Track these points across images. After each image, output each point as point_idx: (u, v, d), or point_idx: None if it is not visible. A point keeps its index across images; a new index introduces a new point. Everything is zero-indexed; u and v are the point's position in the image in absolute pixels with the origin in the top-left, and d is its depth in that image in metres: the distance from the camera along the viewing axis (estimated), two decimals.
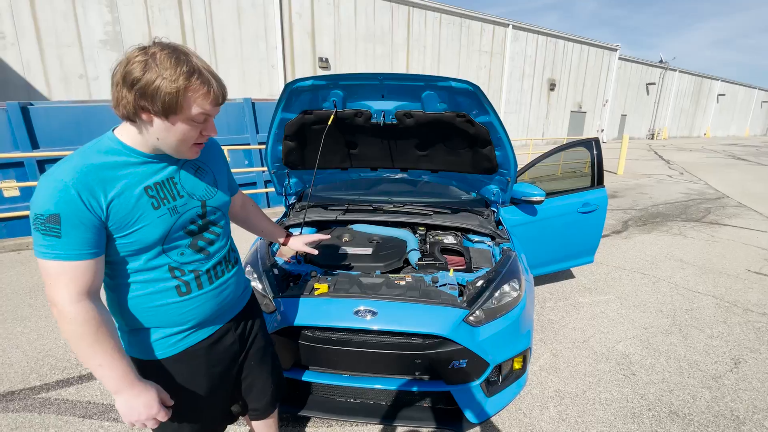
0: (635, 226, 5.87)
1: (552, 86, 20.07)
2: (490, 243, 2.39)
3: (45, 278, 0.86)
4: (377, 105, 2.05)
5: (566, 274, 3.96)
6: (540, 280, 3.77)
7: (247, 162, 6.67)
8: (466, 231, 2.48)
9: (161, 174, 1.02)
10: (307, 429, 1.99)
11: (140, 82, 0.87)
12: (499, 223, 2.59)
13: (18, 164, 5.38)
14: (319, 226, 2.57)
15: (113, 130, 1.01)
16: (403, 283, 1.91)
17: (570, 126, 21.90)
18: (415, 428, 2.01)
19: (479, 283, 1.93)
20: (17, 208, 5.33)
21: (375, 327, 1.68)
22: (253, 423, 1.55)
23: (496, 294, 1.89)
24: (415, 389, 1.76)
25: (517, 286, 1.96)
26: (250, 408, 1.46)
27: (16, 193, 5.44)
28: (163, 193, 1.00)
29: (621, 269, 4.15)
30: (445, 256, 2.23)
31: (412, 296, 1.80)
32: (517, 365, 1.99)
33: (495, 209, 2.66)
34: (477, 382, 1.77)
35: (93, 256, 0.89)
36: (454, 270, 2.09)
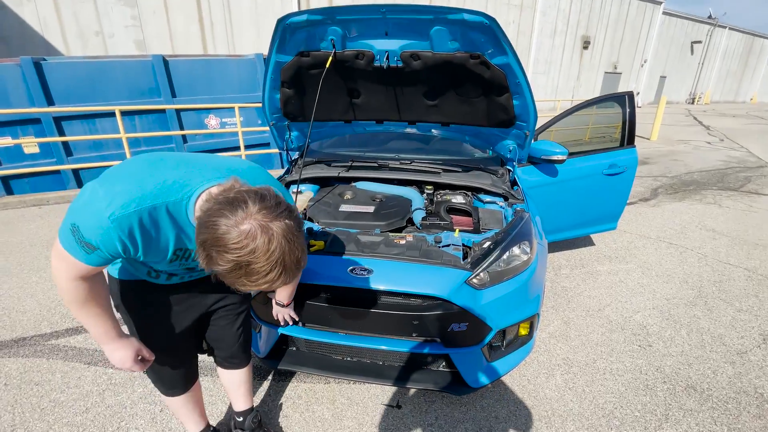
0: (665, 194, 5.50)
1: (586, 44, 18.63)
2: (503, 204, 2.22)
3: (54, 251, 0.92)
4: (380, 44, 1.84)
5: (585, 241, 3.76)
6: (556, 246, 3.58)
7: (260, 122, 6.52)
8: (476, 190, 2.31)
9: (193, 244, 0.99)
10: (302, 385, 1.97)
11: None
12: (514, 183, 2.39)
13: (35, 121, 5.42)
14: (321, 182, 2.44)
15: (197, 195, 0.93)
16: (402, 242, 1.79)
17: (603, 88, 20.52)
18: (413, 389, 1.96)
19: (486, 244, 1.79)
20: (38, 164, 5.43)
21: (370, 286, 1.58)
22: (223, 374, 1.54)
23: (504, 256, 1.74)
24: (412, 351, 1.68)
25: (528, 249, 1.81)
26: (216, 354, 1.49)
27: (36, 149, 5.52)
28: (187, 254, 1.05)
29: (646, 238, 3.91)
30: (451, 216, 2.08)
31: (411, 256, 1.68)
32: (523, 331, 1.88)
33: (511, 168, 2.46)
34: (478, 347, 1.67)
35: (104, 265, 0.95)
36: (461, 231, 1.95)
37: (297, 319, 1.65)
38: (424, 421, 1.77)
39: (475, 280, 1.65)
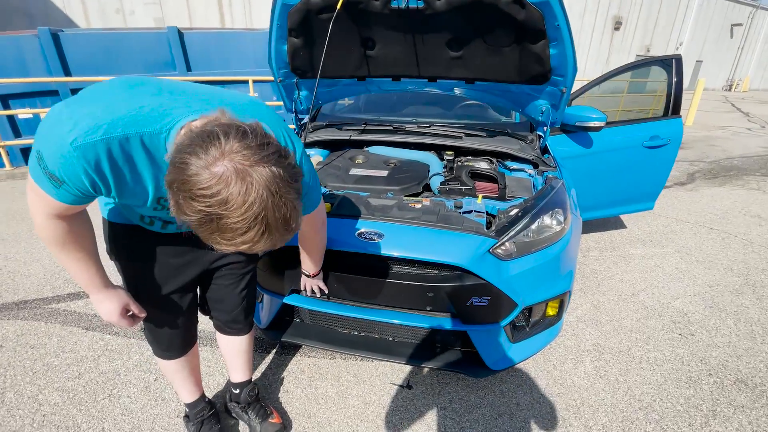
0: (703, 179, 5.10)
1: (617, 25, 17.65)
2: (532, 172, 1.98)
3: (29, 189, 0.81)
4: None
5: (616, 223, 3.48)
6: (585, 226, 3.32)
7: (275, 97, 6.35)
8: (502, 157, 2.08)
9: None
10: (306, 359, 1.83)
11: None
12: (545, 150, 2.15)
13: (53, 92, 5.41)
14: (331, 147, 2.26)
15: (179, 128, 0.76)
16: (418, 206, 1.60)
17: (634, 72, 19.46)
18: (425, 368, 1.79)
19: (513, 212, 1.58)
20: None
21: (380, 252, 1.40)
22: (221, 340, 1.41)
23: (534, 226, 1.53)
24: (426, 326, 1.51)
25: (562, 219, 1.59)
26: (213, 316, 1.36)
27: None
28: None
29: (683, 222, 3.59)
30: (474, 182, 1.87)
31: (427, 221, 1.48)
32: (551, 311, 1.68)
33: (541, 134, 2.21)
34: (500, 325, 1.48)
35: (79, 203, 0.82)
36: (484, 197, 1.74)
37: (326, 292, 1.49)
38: (436, 404, 1.61)
39: (500, 250, 1.45)
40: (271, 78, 2.14)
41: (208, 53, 5.96)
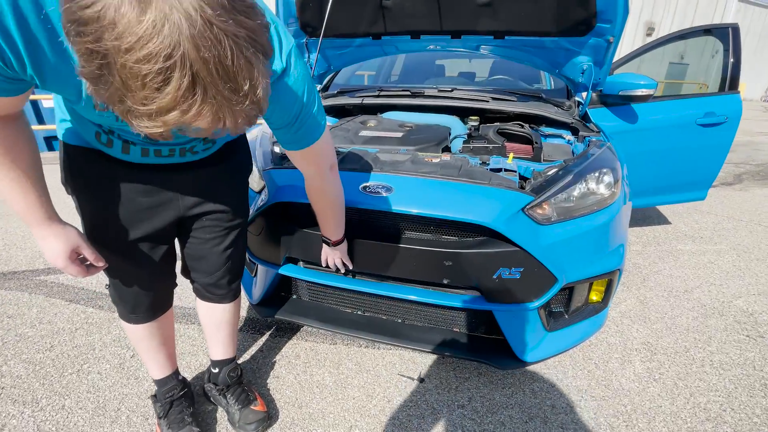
0: (752, 180, 4.64)
1: (649, 31, 17.06)
2: (571, 138, 1.71)
3: None
4: None
5: (657, 218, 3.12)
6: None
7: None
8: (536, 121, 1.81)
9: None
10: (303, 343, 1.60)
11: None
12: (586, 118, 1.88)
13: None
14: (341, 113, 2.05)
15: None
16: (436, 161, 1.35)
17: (667, 80, 18.71)
18: (440, 356, 1.52)
19: (552, 171, 1.31)
20: None
21: (388, 209, 1.17)
22: (201, 308, 1.19)
23: (576, 192, 1.26)
24: (441, 303, 1.25)
25: (611, 181, 1.31)
26: (193, 279, 1.15)
27: None
28: None
29: (735, 220, 3.20)
30: (504, 141, 1.61)
31: (446, 174, 1.24)
32: (595, 296, 1.39)
33: (580, 100, 1.94)
34: (534, 304, 1.21)
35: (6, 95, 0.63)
36: (515, 157, 1.48)
37: (350, 267, 1.26)
38: (452, 401, 1.34)
39: (536, 212, 1.19)
40: None
41: None
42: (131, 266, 0.97)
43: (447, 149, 1.63)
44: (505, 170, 1.35)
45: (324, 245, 1.22)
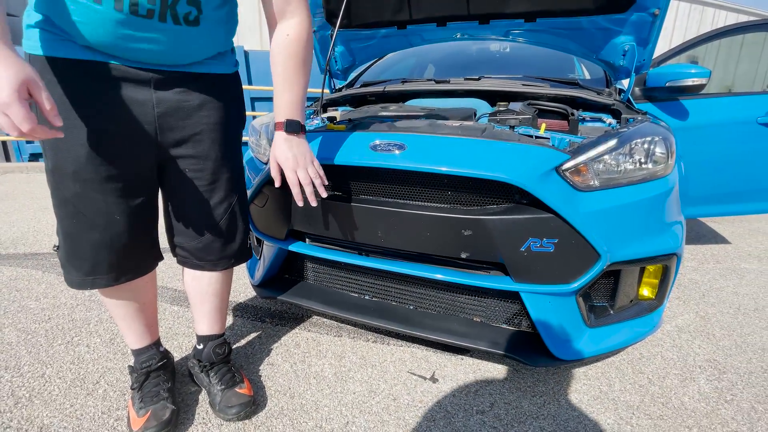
0: None
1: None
2: (612, 122, 1.54)
3: None
4: None
5: (713, 236, 2.77)
6: None
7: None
8: (573, 105, 1.65)
9: None
10: (305, 333, 1.44)
11: None
12: (628, 104, 1.70)
13: None
14: (360, 102, 1.99)
15: None
16: (456, 124, 1.23)
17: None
18: (457, 347, 1.32)
19: (593, 138, 1.15)
20: None
21: (397, 166, 1.04)
22: (187, 277, 1.07)
23: (623, 161, 1.09)
24: (459, 281, 1.08)
25: (663, 152, 1.13)
26: (176, 243, 1.01)
27: None
28: None
29: None
30: (536, 114, 1.45)
31: (468, 135, 1.10)
32: (647, 290, 1.18)
33: (622, 88, 1.78)
34: (572, 287, 1.01)
35: None
36: (548, 130, 1.32)
37: (325, 183, 0.98)
38: (470, 406, 1.12)
39: (574, 177, 1.02)
40: (315, 90, 1.90)
41: (266, 69, 6.32)
42: (96, 211, 0.84)
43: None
44: (537, 137, 1.19)
45: (275, 147, 0.96)
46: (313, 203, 0.97)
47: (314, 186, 0.97)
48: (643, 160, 1.10)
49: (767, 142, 2.06)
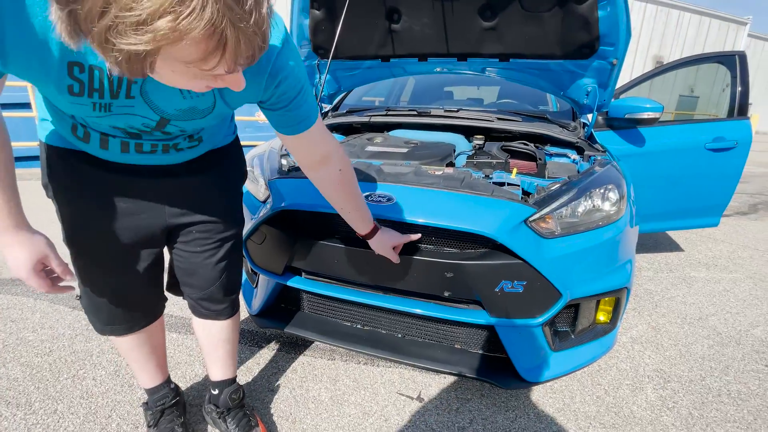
0: (767, 210, 4.54)
1: (658, 65, 17.31)
2: (576, 158, 1.71)
3: None
4: None
5: (669, 244, 3.05)
6: None
7: None
8: (541, 141, 1.82)
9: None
10: (301, 358, 1.56)
11: None
12: (591, 138, 1.88)
13: None
14: (348, 131, 2.09)
15: None
16: (439, 173, 1.36)
17: (677, 111, 18.78)
18: (441, 376, 1.47)
19: (555, 187, 1.31)
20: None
21: (388, 218, 1.17)
22: (197, 326, 1.15)
23: (581, 207, 1.26)
24: (442, 317, 1.22)
25: (616, 198, 1.30)
26: (186, 294, 1.10)
27: None
28: (98, 83, 0.64)
29: (751, 249, 3.11)
30: (508, 157, 1.61)
31: (449, 186, 1.24)
32: (603, 316, 1.35)
33: (586, 122, 1.96)
34: (538, 320, 1.17)
35: None
36: (519, 173, 1.48)
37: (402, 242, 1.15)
38: (452, 423, 1.28)
39: (540, 225, 1.18)
40: None
41: None
42: (110, 275, 0.93)
43: (451, 165, 1.64)
44: (509, 184, 1.35)
45: (370, 244, 1.11)
46: None
47: None
48: (599, 207, 1.27)
49: (714, 165, 2.31)
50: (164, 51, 0.44)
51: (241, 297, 1.68)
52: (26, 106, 5.05)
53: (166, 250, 1.03)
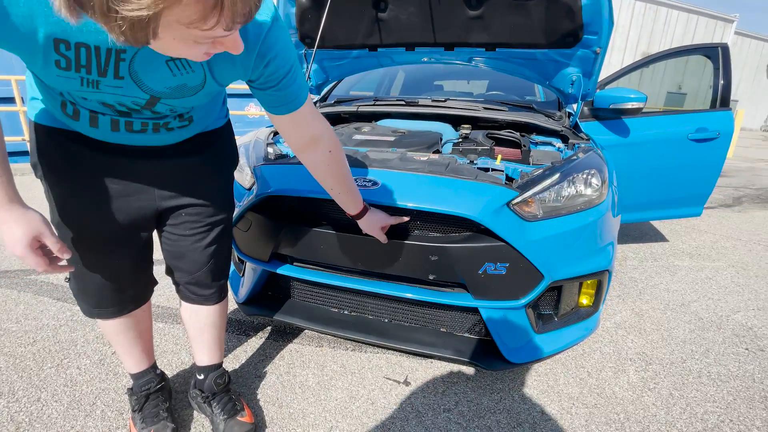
0: (752, 203, 4.63)
1: None
2: (561, 146, 1.74)
3: None
4: None
5: (654, 234, 3.10)
6: (619, 234, 2.97)
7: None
8: (527, 130, 1.84)
9: (96, 36, 0.62)
10: (288, 345, 1.56)
11: None
12: (576, 127, 1.91)
13: None
14: (336, 121, 2.09)
15: None
16: (424, 158, 1.37)
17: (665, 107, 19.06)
18: (427, 359, 1.49)
19: (538, 172, 1.33)
20: None
21: (373, 202, 1.17)
22: (184, 311, 1.14)
23: (564, 193, 1.27)
24: (427, 299, 1.24)
25: (598, 183, 1.32)
26: (174, 278, 1.10)
27: None
28: (86, 59, 0.65)
29: (734, 239, 3.17)
30: (493, 144, 1.63)
31: (434, 171, 1.25)
32: (585, 299, 1.38)
33: (571, 111, 1.98)
34: (521, 302, 1.19)
35: None
36: (503, 159, 1.49)
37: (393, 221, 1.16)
38: (438, 405, 1.30)
39: (523, 209, 1.19)
40: None
41: None
42: (99, 257, 0.93)
43: (438, 152, 1.65)
44: (493, 170, 1.36)
45: (359, 224, 1.13)
46: None
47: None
48: (581, 192, 1.29)
49: (697, 156, 2.35)
50: (166, 14, 0.45)
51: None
52: (10, 100, 4.94)
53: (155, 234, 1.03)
